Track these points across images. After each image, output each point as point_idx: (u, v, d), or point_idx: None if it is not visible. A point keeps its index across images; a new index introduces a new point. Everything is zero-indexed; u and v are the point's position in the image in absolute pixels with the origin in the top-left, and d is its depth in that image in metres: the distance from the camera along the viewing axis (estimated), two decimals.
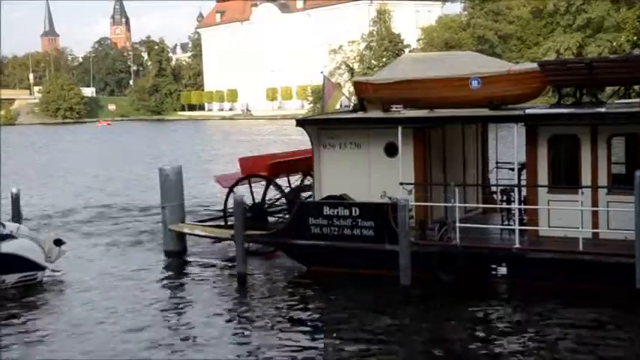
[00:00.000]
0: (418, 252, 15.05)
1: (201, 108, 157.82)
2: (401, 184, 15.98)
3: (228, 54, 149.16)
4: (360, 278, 15.87)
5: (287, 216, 18.54)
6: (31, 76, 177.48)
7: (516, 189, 16.18)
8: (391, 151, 16.72)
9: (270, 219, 19.68)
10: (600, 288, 14.11)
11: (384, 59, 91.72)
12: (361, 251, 15.98)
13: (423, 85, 16.91)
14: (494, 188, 18.55)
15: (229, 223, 19.16)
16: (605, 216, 14.98)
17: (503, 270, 15.67)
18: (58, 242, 17.81)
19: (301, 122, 18.11)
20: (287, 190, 19.71)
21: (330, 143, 17.57)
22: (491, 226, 16.69)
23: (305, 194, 19.40)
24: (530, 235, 15.53)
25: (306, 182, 20.26)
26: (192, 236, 19.75)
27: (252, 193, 18.75)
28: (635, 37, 79.53)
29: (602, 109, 15.44)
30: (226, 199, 19.48)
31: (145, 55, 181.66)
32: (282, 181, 19.88)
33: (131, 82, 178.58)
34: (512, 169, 16.79)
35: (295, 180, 20.66)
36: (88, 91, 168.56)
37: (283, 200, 19.68)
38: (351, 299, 15.09)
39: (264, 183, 19.15)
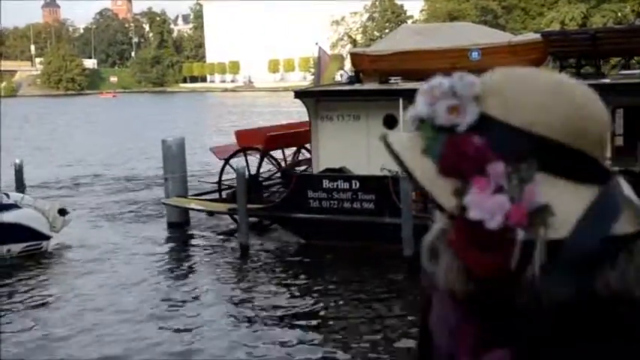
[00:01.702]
0: (420, 225, 15.06)
1: (203, 80, 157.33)
2: None
3: (230, 25, 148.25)
4: (359, 251, 15.88)
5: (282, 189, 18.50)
6: (32, 47, 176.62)
7: None
8: (390, 123, 16.63)
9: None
10: None
11: (387, 30, 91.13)
12: (361, 224, 15.98)
13: (422, 56, 16.77)
14: None
15: (224, 196, 19.18)
16: None
17: None
18: (63, 212, 17.81)
19: (299, 94, 18.02)
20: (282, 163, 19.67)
21: (327, 115, 17.46)
22: None
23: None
24: None
25: (300, 157, 20.21)
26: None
27: (247, 165, 18.76)
28: None
29: (608, 80, 15.36)
30: (221, 172, 19.43)
31: (147, 27, 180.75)
32: (276, 154, 19.72)
33: (133, 53, 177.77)
34: None
35: (289, 154, 20.52)
36: (90, 63, 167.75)
37: (277, 174, 19.65)
38: (353, 271, 15.16)
39: (259, 156, 19.09)
